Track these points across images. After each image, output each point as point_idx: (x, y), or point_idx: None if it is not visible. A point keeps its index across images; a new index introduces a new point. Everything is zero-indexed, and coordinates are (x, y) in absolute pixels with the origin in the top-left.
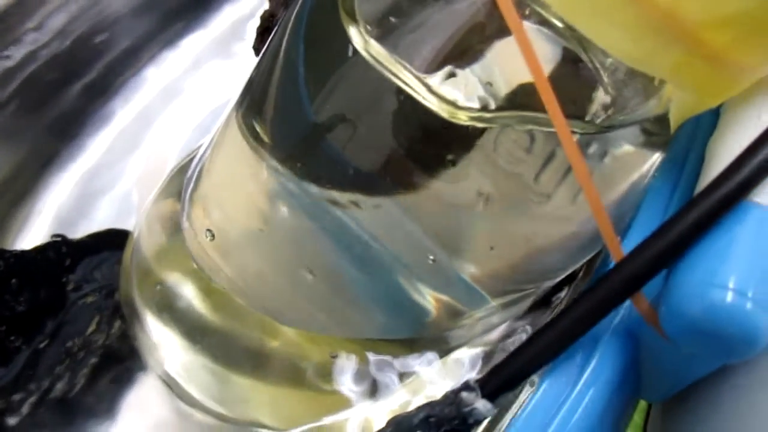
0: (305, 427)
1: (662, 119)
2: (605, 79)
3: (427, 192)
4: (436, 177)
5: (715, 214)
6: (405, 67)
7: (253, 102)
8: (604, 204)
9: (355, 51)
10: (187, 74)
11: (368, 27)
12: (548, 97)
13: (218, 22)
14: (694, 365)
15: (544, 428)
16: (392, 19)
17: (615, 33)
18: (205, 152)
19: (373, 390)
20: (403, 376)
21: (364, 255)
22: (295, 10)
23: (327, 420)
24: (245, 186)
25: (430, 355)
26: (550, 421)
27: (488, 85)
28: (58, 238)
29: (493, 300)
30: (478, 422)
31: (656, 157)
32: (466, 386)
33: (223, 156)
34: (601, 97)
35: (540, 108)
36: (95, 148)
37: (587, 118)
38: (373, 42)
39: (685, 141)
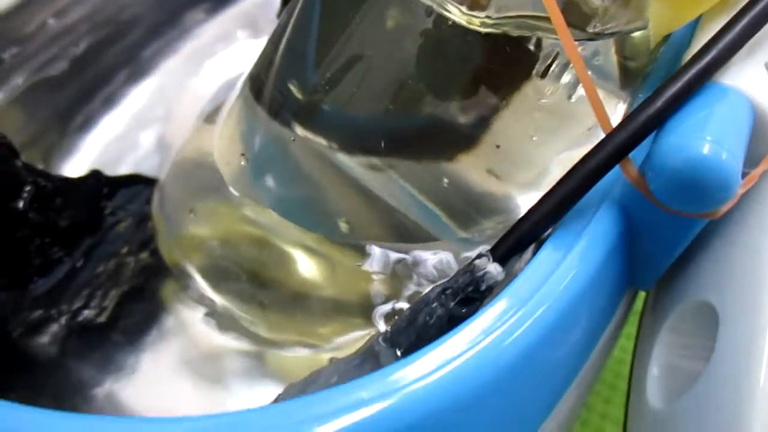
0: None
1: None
2: None
3: (443, 107)
4: (454, 93)
5: (689, 89)
6: None
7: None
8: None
9: None
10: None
11: None
12: (552, 6)
13: None
14: (679, 230)
15: (539, 286)
16: None
17: None
18: (235, 93)
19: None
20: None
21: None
22: None
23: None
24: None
25: (444, 254)
26: (545, 280)
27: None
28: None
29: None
30: (490, 289)
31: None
32: (478, 255)
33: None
34: (591, 6)
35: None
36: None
37: (578, 24)
38: None
39: (666, 58)
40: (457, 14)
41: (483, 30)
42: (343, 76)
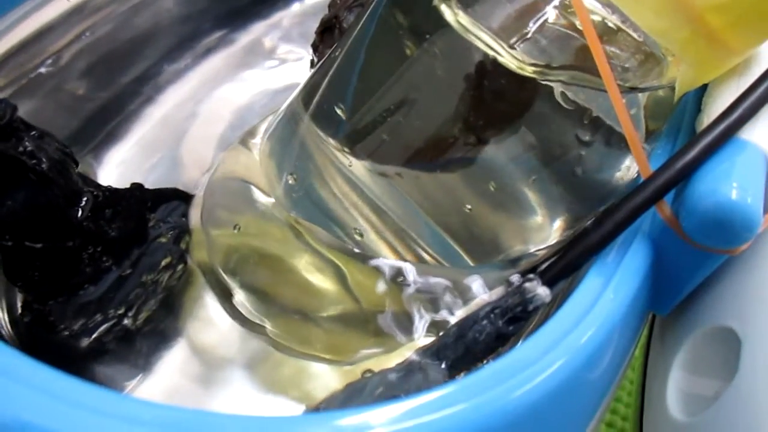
0: (367, 352)
1: (665, 100)
2: (631, 51)
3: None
4: (499, 130)
5: (717, 143)
6: (486, 33)
7: (329, 82)
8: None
9: (445, 24)
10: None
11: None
12: (602, 62)
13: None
14: (703, 263)
15: (585, 314)
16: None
17: (644, 11)
18: (278, 119)
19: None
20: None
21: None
22: (373, 4)
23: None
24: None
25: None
26: (590, 308)
27: (545, 47)
28: (136, 185)
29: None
30: (537, 309)
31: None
32: (526, 278)
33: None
34: (631, 64)
35: (589, 67)
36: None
37: (618, 79)
38: (462, 13)
39: (676, 121)
40: (510, 60)
41: (536, 77)
42: (387, 116)
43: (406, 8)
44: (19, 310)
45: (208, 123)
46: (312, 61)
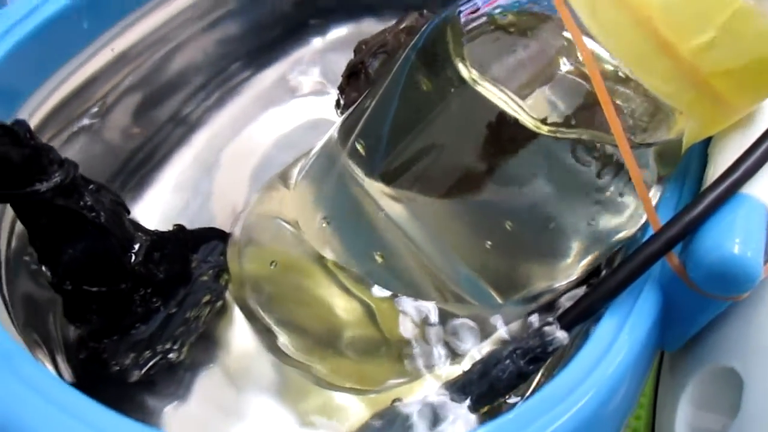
0: (393, 382)
1: (673, 149)
2: (641, 109)
3: (504, 191)
4: (518, 182)
5: (722, 199)
6: (503, 91)
7: (362, 127)
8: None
9: (464, 81)
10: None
11: (474, 64)
12: (615, 124)
13: None
14: (708, 308)
15: (603, 354)
16: (491, 58)
17: (651, 76)
18: (317, 151)
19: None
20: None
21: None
22: (402, 58)
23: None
24: (348, 191)
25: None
26: (608, 349)
27: (556, 104)
28: (178, 227)
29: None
30: (556, 350)
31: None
32: (547, 321)
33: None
34: (641, 117)
35: (601, 124)
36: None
37: (629, 135)
38: (476, 74)
39: (683, 165)
40: (527, 119)
41: (551, 135)
42: (418, 158)
43: (429, 62)
44: (75, 348)
45: (239, 160)
46: (338, 101)
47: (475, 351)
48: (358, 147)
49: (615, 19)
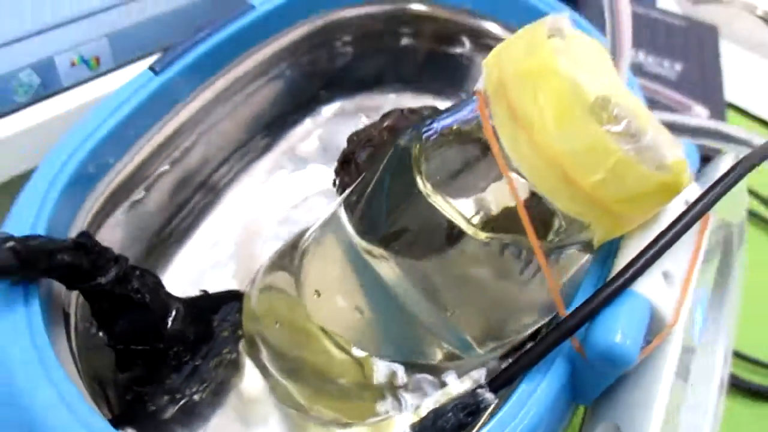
0: (374, 420)
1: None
2: (560, 219)
3: (451, 278)
4: (462, 271)
5: (614, 295)
6: (449, 203)
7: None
8: (559, 283)
9: (420, 192)
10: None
11: (429, 179)
12: (530, 230)
13: None
14: (603, 376)
15: (524, 405)
16: (444, 176)
17: (562, 198)
18: (311, 234)
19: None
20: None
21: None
22: (383, 164)
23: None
24: (335, 264)
25: (451, 374)
26: (527, 401)
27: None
28: (203, 292)
29: (480, 349)
30: (486, 407)
31: (588, 257)
32: (479, 385)
33: (324, 241)
34: (556, 227)
35: (522, 231)
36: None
37: (549, 238)
38: (430, 188)
39: (606, 248)
40: (467, 228)
41: (485, 239)
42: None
43: (400, 171)
44: (123, 390)
45: (254, 227)
46: (334, 182)
47: (431, 401)
48: (352, 225)
49: (531, 156)
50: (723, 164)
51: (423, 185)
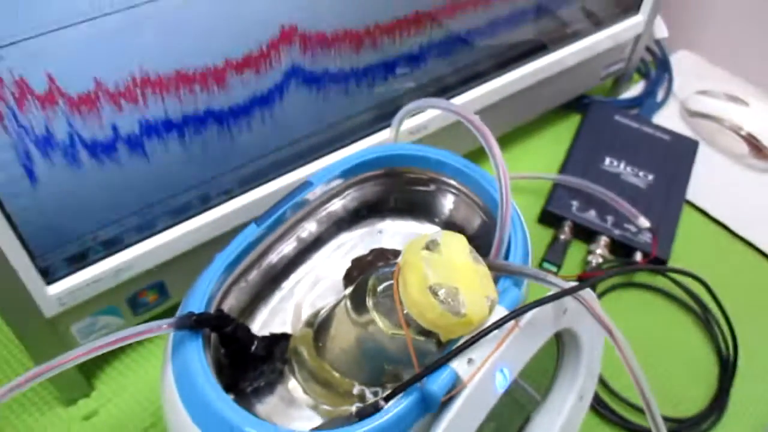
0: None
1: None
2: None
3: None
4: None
5: (437, 365)
6: (381, 317)
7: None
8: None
9: (368, 310)
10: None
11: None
12: (408, 337)
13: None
14: (433, 402)
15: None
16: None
17: (423, 321)
18: (324, 311)
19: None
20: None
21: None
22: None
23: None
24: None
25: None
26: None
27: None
28: (267, 334)
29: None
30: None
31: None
32: (381, 397)
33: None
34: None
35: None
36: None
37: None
38: (371, 303)
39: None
40: (385, 328)
41: (391, 335)
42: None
43: (360, 295)
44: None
45: (297, 295)
46: (344, 284)
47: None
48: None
49: (409, 303)
50: None
51: (368, 302)
